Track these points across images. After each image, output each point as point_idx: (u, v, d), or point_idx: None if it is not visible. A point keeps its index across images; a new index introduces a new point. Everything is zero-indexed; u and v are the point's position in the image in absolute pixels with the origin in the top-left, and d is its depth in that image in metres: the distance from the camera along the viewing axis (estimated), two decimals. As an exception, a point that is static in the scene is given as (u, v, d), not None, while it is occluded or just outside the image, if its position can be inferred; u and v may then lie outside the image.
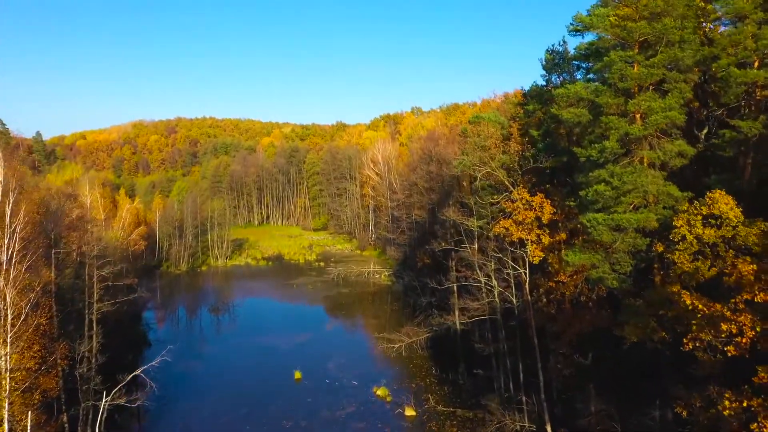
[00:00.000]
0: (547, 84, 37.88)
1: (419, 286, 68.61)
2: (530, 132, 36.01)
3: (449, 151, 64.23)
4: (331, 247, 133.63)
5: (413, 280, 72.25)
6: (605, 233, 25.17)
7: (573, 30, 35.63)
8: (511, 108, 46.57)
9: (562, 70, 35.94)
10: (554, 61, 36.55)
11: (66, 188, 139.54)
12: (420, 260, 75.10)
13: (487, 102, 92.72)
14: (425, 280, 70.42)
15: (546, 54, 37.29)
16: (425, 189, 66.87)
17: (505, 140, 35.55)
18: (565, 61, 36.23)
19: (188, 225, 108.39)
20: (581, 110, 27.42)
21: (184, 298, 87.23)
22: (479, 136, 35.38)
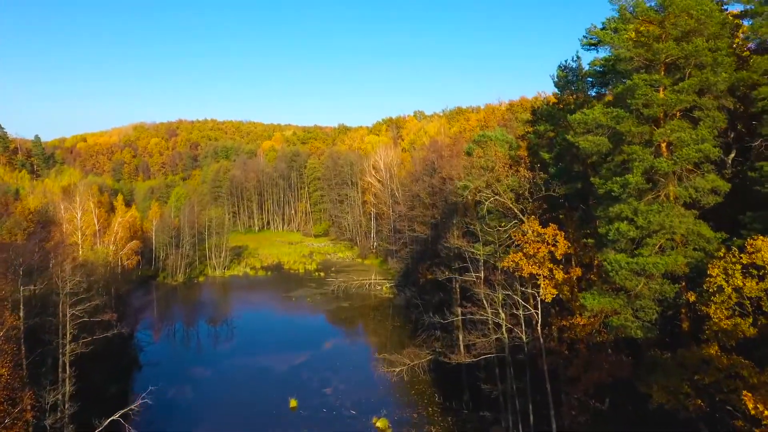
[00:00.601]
0: (559, 102, 35.20)
1: (421, 303, 66.07)
2: (540, 154, 33.33)
3: (453, 164, 61.64)
4: (332, 255, 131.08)
5: (415, 297, 69.68)
6: (629, 279, 22.52)
7: (587, 44, 32.97)
8: (520, 126, 43.74)
9: (576, 89, 33.23)
10: (567, 78, 33.86)
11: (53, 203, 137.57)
12: (422, 276, 72.41)
13: (492, 108, 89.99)
14: (427, 297, 68.00)
15: (558, 70, 34.63)
16: (428, 204, 64.24)
17: (514, 163, 32.87)
18: (579, 78, 33.55)
19: (185, 234, 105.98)
20: (600, 138, 24.77)
21: (180, 313, 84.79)
22: (485, 157, 32.65)
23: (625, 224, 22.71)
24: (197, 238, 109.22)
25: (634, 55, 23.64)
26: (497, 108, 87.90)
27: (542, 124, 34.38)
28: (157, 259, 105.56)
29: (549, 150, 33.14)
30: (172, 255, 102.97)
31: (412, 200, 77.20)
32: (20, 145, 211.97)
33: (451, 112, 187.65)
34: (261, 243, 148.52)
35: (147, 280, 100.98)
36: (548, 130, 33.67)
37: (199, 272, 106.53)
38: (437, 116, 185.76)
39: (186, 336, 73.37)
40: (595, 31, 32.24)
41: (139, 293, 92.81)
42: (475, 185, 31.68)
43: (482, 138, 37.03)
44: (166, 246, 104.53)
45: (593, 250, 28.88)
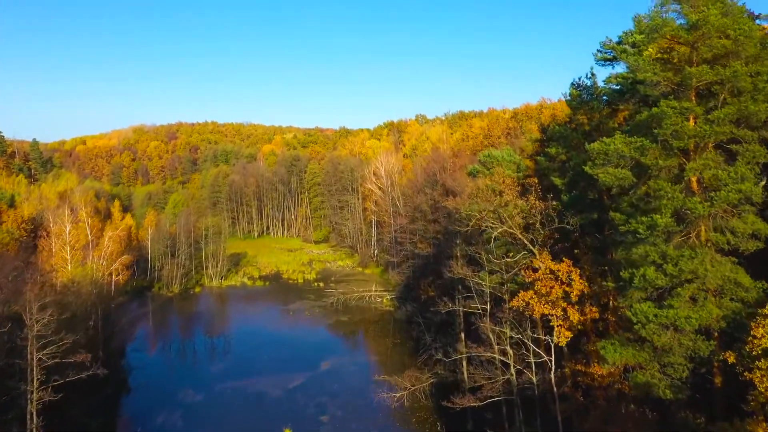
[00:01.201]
0: (571, 122, 32.57)
1: (423, 322, 63.50)
2: (552, 178, 30.70)
3: (456, 178, 59.11)
4: (331, 264, 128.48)
5: (416, 315, 67.11)
6: (656, 332, 19.90)
7: (602, 59, 30.32)
8: (528, 143, 40.98)
9: (591, 108, 30.60)
10: (581, 98, 31.24)
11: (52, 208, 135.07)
12: (424, 292, 69.90)
13: (495, 116, 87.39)
14: (429, 315, 65.34)
15: (571, 88, 32.02)
16: (430, 221, 61.66)
17: (523, 190, 30.25)
18: (593, 98, 30.92)
19: (181, 244, 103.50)
20: (623, 172, 22.17)
21: (174, 328, 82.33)
22: (492, 183, 30.03)
23: (652, 270, 20.12)
24: (194, 247, 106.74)
25: (661, 79, 21.00)
26: (501, 116, 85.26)
27: (554, 146, 31.75)
28: (152, 269, 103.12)
29: (561, 175, 30.55)
30: (167, 265, 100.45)
31: (414, 212, 74.62)
32: (18, 149, 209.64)
33: (453, 116, 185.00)
34: (260, 250, 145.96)
35: (142, 291, 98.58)
36: (560, 153, 31.03)
37: (195, 282, 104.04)
38: (439, 120, 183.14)
39: (179, 354, 70.80)
40: (611, 45, 29.64)
41: (133, 305, 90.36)
42: (481, 215, 29.05)
43: (488, 158, 34.45)
44: (161, 256, 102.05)
45: (612, 291, 26.25)
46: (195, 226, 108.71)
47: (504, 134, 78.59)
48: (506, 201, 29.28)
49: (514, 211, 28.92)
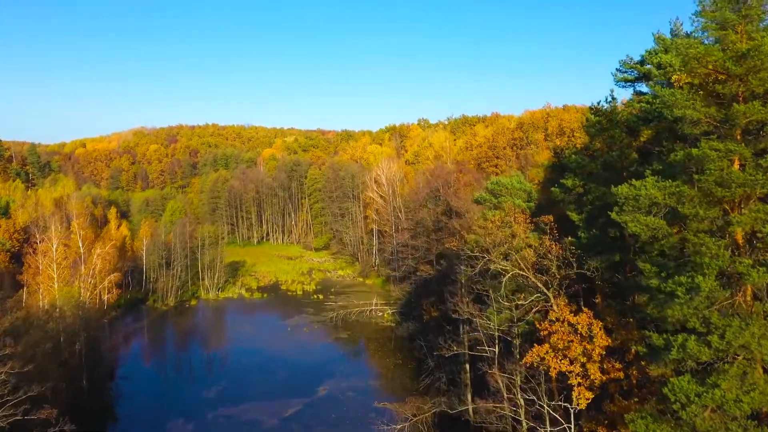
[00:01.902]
0: (588, 149, 29.60)
1: (425, 345, 60.62)
2: (568, 212, 27.77)
3: (460, 196, 56.30)
4: (332, 273, 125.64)
5: (418, 337, 64.23)
6: (699, 416, 16.96)
7: (622, 80, 27.36)
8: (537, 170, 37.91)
9: (612, 137, 27.63)
10: (600, 124, 28.29)
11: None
12: (426, 312, 67.08)
13: (501, 126, 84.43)
14: (431, 338, 62.49)
15: (589, 113, 29.07)
16: (433, 240, 58.81)
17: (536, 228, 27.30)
18: (614, 125, 27.97)
19: (177, 255, 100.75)
20: (657, 221, 19.25)
21: (167, 346, 79.51)
22: (502, 224, 27.09)
23: (693, 341, 17.21)
24: (190, 258, 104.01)
25: (702, 116, 18.06)
26: (506, 125, 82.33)
27: (570, 177, 28.80)
28: (147, 281, 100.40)
29: (578, 208, 27.59)
30: (162, 277, 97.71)
31: (416, 226, 71.74)
32: (15, 153, 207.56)
33: (456, 121, 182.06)
34: (259, 258, 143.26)
35: (136, 304, 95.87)
36: (577, 185, 28.09)
37: (191, 294, 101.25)
38: (442, 125, 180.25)
39: (171, 376, 67.96)
40: (632, 64, 26.68)
41: (126, 320, 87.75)
42: (490, 256, 26.14)
43: (497, 186, 31.49)
44: (157, 267, 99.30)
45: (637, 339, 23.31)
46: (192, 236, 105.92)
47: (509, 145, 75.65)
48: (518, 243, 26.40)
49: (527, 252, 26.04)
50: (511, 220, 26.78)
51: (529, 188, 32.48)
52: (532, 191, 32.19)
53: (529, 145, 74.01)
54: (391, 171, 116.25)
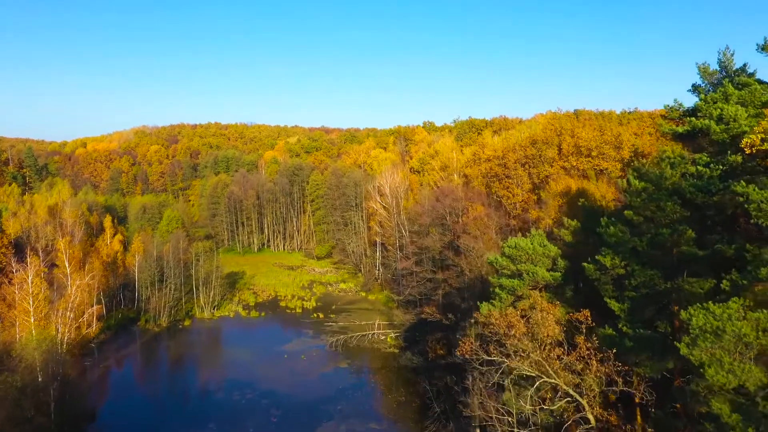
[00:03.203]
0: (631, 222, 24.39)
1: (431, 389, 55.85)
2: (606, 299, 22.69)
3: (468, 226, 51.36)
4: (333, 287, 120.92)
5: (423, 379, 59.53)
6: None
7: (669, 130, 22.34)
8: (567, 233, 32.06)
9: (660, 208, 22.48)
10: (644, 191, 23.17)
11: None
12: (431, 350, 62.30)
13: (511, 144, 79.18)
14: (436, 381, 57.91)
15: (631, 176, 23.89)
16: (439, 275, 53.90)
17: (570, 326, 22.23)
18: (664, 193, 22.81)
19: (170, 273, 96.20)
20: (748, 369, 14.10)
21: (155, 377, 74.70)
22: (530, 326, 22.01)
23: None
24: (183, 274, 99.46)
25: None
26: (517, 139, 77.01)
27: (607, 254, 23.78)
28: (139, 299, 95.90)
29: (617, 291, 22.52)
30: (155, 296, 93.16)
31: (421, 252, 66.76)
32: (12, 156, 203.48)
33: (462, 123, 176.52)
34: (259, 268, 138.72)
35: (127, 325, 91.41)
36: (617, 265, 23.03)
37: (185, 313, 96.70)
38: (448, 128, 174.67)
39: (158, 412, 63.28)
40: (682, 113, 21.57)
41: (116, 343, 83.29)
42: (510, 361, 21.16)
43: (514, 250, 26.46)
44: (149, 285, 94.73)
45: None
46: (186, 252, 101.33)
47: (521, 162, 70.44)
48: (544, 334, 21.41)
49: (557, 351, 21.07)
50: (538, 318, 21.74)
51: (554, 253, 27.55)
52: (557, 257, 27.27)
53: (543, 164, 68.79)
54: (395, 181, 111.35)
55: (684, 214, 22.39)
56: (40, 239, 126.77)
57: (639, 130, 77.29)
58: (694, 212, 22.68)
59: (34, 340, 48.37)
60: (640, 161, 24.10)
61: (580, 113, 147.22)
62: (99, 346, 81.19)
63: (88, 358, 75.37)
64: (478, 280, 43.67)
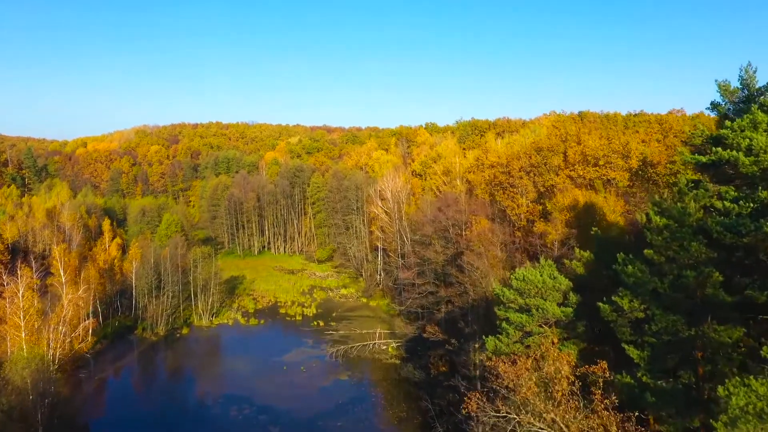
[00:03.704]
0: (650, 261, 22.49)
1: (434, 410, 54.11)
2: (624, 344, 20.86)
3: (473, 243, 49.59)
4: (334, 293, 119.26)
5: (425, 395, 57.78)
6: None
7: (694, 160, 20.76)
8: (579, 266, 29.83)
9: (683, 248, 20.64)
10: (669, 230, 21.31)
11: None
12: (434, 367, 60.60)
13: (515, 152, 77.36)
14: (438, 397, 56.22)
15: (651, 210, 21.97)
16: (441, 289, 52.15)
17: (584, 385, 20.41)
18: (688, 232, 20.96)
19: (168, 280, 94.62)
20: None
21: (153, 388, 73.04)
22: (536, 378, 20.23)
23: None
24: (181, 282, 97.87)
25: None
26: (521, 145, 75.11)
27: (625, 296, 21.93)
28: (137, 306, 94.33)
29: (637, 338, 20.71)
30: (152, 304, 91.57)
31: (423, 263, 65.00)
32: (11, 157, 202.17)
33: (464, 124, 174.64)
34: (259, 272, 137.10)
35: (124, 334, 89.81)
36: (636, 308, 21.23)
37: (183, 321, 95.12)
38: (450, 129, 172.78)
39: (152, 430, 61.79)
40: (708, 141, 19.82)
41: (112, 354, 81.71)
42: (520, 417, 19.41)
43: (522, 283, 24.62)
44: (146, 293, 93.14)
45: None
46: (184, 258, 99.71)
47: (525, 171, 68.60)
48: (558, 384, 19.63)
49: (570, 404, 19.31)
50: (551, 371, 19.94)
51: (564, 286, 25.75)
52: (569, 291, 25.50)
53: (548, 173, 66.93)
54: (396, 186, 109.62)
55: (710, 255, 20.54)
56: (37, 243, 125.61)
57: (646, 137, 75.43)
58: (721, 253, 20.89)
59: (22, 360, 46.75)
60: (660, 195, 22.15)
61: (584, 115, 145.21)
62: (95, 356, 79.65)
63: (84, 369, 73.83)
64: (482, 302, 41.99)
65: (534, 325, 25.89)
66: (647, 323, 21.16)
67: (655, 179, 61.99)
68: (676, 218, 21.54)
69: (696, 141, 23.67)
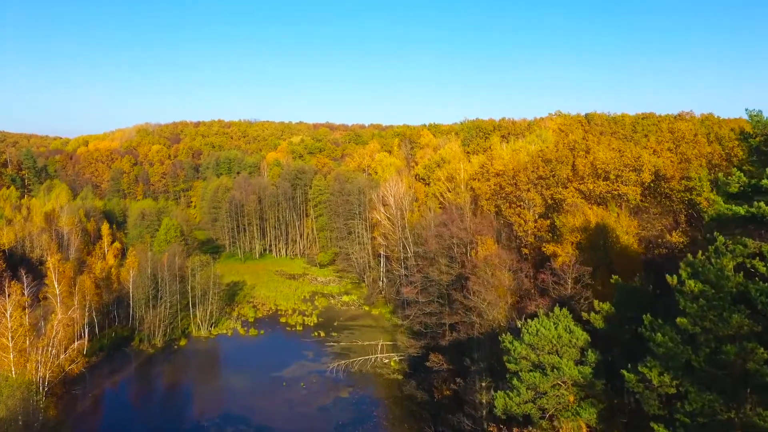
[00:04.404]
0: (683, 329, 20.12)
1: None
2: (652, 422, 18.51)
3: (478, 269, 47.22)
4: (336, 299, 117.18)
5: (429, 418, 55.60)
6: None
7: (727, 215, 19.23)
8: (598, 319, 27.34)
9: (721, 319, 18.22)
10: (704, 295, 18.88)
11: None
12: (438, 390, 58.37)
13: (521, 164, 74.92)
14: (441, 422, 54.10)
15: (684, 271, 19.47)
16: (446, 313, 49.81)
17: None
18: (724, 298, 18.51)
19: (166, 290, 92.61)
20: None
21: (147, 409, 70.73)
22: None
23: None
24: (180, 290, 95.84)
25: None
26: (529, 162, 72.50)
27: (654, 366, 19.39)
28: (134, 317, 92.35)
29: (666, 413, 18.36)
30: (149, 315, 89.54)
31: (426, 281, 62.69)
32: (10, 159, 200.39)
33: (468, 124, 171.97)
34: (260, 277, 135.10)
35: (120, 346, 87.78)
36: (666, 383, 18.85)
37: (181, 332, 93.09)
38: (454, 130, 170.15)
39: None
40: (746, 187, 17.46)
41: (108, 368, 79.73)
42: None
43: (535, 338, 22.26)
44: (143, 303, 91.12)
45: None
46: (182, 268, 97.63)
47: (533, 183, 66.19)
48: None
49: None
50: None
51: (582, 342, 23.29)
52: (587, 347, 23.10)
53: (557, 185, 64.50)
54: (399, 191, 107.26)
55: (754, 328, 18.14)
56: (34, 249, 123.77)
57: (657, 146, 72.67)
58: (766, 324, 18.47)
59: (7, 389, 44.68)
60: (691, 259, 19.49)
61: (591, 117, 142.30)
62: (90, 370, 77.67)
63: (78, 385, 71.82)
64: (489, 336, 39.59)
65: (548, 385, 23.59)
66: (680, 400, 18.83)
67: (668, 193, 59.52)
68: (713, 282, 19.08)
69: (732, 189, 21.16)
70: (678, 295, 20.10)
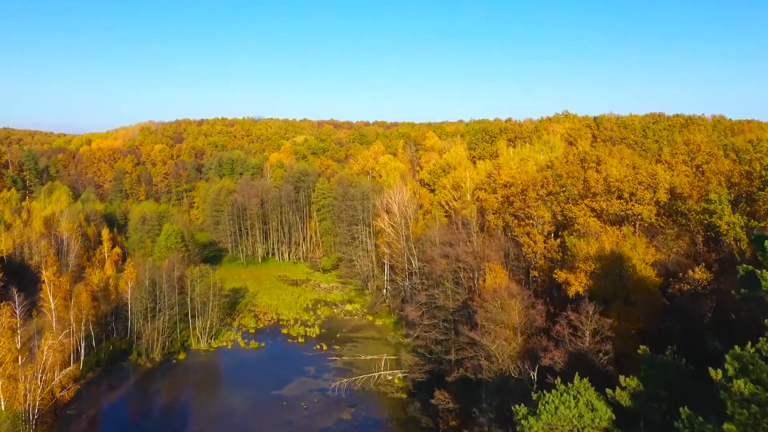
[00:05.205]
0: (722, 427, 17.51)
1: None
2: None
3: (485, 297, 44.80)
4: (339, 308, 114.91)
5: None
6: None
7: None
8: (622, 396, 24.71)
9: None
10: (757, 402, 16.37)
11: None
12: (443, 421, 56.02)
13: (528, 173, 72.35)
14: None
15: (729, 368, 16.66)
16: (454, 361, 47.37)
17: None
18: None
19: (164, 302, 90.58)
20: None
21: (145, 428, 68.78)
22: None
23: None
24: (178, 302, 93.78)
25: None
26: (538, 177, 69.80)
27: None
28: (132, 329, 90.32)
29: None
30: (148, 326, 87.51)
31: (431, 304, 60.26)
32: (11, 159, 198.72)
33: (474, 125, 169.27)
34: (262, 282, 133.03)
35: (118, 360, 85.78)
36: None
37: (180, 344, 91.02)
38: (459, 132, 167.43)
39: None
40: None
41: (106, 384, 77.78)
42: None
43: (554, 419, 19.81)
44: (141, 315, 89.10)
45: None
46: (181, 279, 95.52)
47: (542, 200, 63.54)
48: None
49: None
50: None
51: (607, 421, 20.70)
52: (611, 428, 20.66)
53: (567, 202, 61.89)
54: (403, 199, 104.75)
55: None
56: (33, 256, 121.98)
57: (672, 160, 69.79)
58: None
59: None
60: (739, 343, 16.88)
61: (600, 120, 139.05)
62: (86, 386, 75.83)
63: (73, 404, 69.75)
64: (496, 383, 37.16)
65: (568, 470, 21.37)
66: None
67: (684, 212, 56.80)
68: (765, 383, 16.54)
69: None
70: (723, 393, 17.50)
